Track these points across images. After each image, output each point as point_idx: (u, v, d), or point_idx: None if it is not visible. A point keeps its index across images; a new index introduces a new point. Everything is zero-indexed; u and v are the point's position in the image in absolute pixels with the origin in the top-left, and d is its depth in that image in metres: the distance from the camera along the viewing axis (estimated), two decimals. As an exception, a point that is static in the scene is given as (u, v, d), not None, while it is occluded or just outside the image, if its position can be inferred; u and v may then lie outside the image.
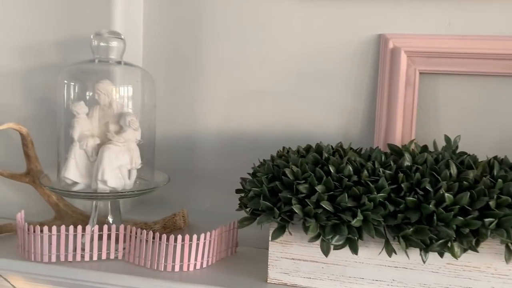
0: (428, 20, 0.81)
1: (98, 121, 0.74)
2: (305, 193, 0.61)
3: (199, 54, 0.90)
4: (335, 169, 0.63)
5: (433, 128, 0.82)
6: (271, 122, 0.88)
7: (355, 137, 0.85)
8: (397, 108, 0.80)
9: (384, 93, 0.82)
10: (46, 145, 0.83)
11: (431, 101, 0.81)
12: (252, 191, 0.64)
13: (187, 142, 0.92)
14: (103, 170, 0.70)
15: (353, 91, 0.85)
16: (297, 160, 0.65)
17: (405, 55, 0.80)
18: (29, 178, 0.80)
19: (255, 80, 0.88)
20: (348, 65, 0.84)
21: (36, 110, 0.89)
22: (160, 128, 0.86)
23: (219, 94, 0.90)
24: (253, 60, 0.88)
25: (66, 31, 0.86)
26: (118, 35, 0.74)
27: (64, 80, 0.73)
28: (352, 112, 0.85)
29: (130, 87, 0.74)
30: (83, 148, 0.72)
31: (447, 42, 0.80)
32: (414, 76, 0.81)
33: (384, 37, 0.82)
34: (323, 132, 0.86)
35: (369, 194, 0.59)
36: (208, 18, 0.89)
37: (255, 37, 0.87)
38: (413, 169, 0.62)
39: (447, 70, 0.80)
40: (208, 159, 0.91)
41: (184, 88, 0.91)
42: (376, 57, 0.83)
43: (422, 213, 0.58)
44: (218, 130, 0.91)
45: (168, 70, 0.91)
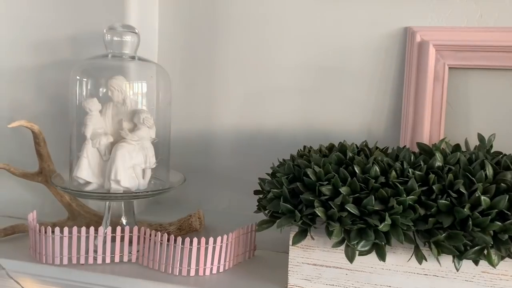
0: (457, 12, 0.76)
1: (111, 118, 0.71)
2: (328, 195, 0.57)
3: (215, 51, 0.86)
4: (361, 169, 0.59)
5: (462, 126, 0.77)
6: (290, 120, 0.85)
7: (379, 135, 0.81)
8: (425, 105, 0.76)
9: (411, 89, 0.77)
10: (58, 143, 0.81)
11: (460, 97, 0.77)
12: (272, 193, 0.60)
13: (203, 141, 0.89)
14: (116, 169, 0.67)
15: (377, 87, 0.81)
16: (319, 160, 0.62)
17: (434, 49, 0.76)
18: (42, 177, 0.78)
19: (273, 77, 0.85)
20: (372, 60, 0.80)
21: (49, 107, 0.87)
22: (175, 126, 0.83)
23: (236, 91, 0.86)
24: (270, 56, 0.84)
25: (79, 26, 0.83)
26: (132, 29, 0.71)
27: (76, 76, 0.71)
28: (376, 110, 0.81)
29: (144, 83, 0.71)
30: (95, 146, 0.69)
31: (479, 35, 0.75)
32: (443, 71, 0.76)
33: (411, 30, 0.77)
34: (344, 130, 0.82)
35: (397, 196, 0.55)
36: (225, 14, 0.85)
37: (272, 31, 0.84)
38: (445, 170, 0.58)
39: (478, 65, 0.75)
40: (224, 158, 0.88)
41: (200, 85, 0.88)
42: (402, 51, 0.79)
43: (455, 218, 0.54)
44: (235, 128, 0.87)
45: (184, 66, 0.88)
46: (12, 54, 0.86)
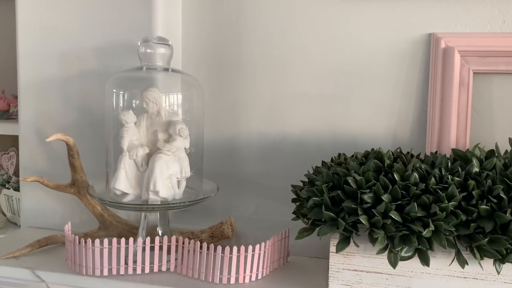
0: (481, 18, 0.78)
1: (146, 129, 0.72)
2: (370, 203, 0.59)
3: (240, 57, 0.87)
4: (400, 177, 0.60)
5: (488, 131, 0.79)
6: (315, 126, 0.86)
7: (404, 140, 0.83)
8: (451, 111, 0.78)
9: (437, 95, 0.79)
10: (86, 153, 0.82)
11: (485, 102, 0.79)
12: (312, 201, 0.62)
13: (230, 147, 0.90)
14: (155, 180, 0.68)
15: (402, 93, 0.82)
16: (358, 167, 0.63)
17: (459, 54, 0.77)
18: (74, 188, 0.78)
19: (299, 83, 0.86)
20: (397, 66, 0.82)
21: (76, 118, 0.87)
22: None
23: (261, 98, 0.87)
24: (296, 62, 0.85)
25: (106, 37, 0.84)
26: (166, 41, 0.72)
27: (112, 89, 0.72)
28: (401, 115, 0.83)
29: (178, 94, 0.72)
30: (132, 158, 0.70)
31: (502, 41, 0.77)
32: (468, 77, 0.78)
33: (435, 36, 0.79)
34: (370, 135, 0.84)
35: (439, 203, 0.57)
36: (249, 20, 0.86)
37: (297, 38, 0.85)
38: (482, 175, 0.59)
39: (502, 70, 0.77)
40: (250, 164, 0.89)
41: (225, 92, 0.89)
42: (426, 57, 0.80)
43: (496, 222, 0.56)
44: (261, 134, 0.88)
45: (208, 74, 0.89)
46: (39, 66, 0.87)
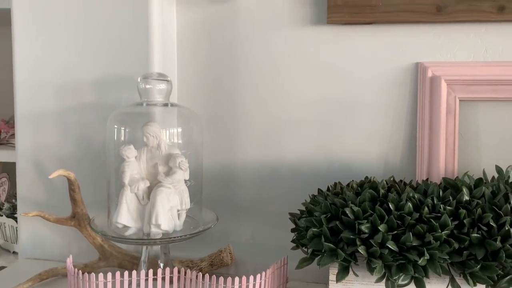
0: (465, 48, 0.82)
1: (147, 162, 0.74)
2: (367, 233, 0.61)
3: (235, 87, 0.90)
4: (395, 206, 0.63)
5: (474, 155, 0.82)
6: (310, 152, 0.89)
7: (396, 165, 0.86)
8: (439, 137, 0.81)
9: (425, 122, 0.82)
10: (85, 184, 0.83)
11: (472, 129, 0.82)
12: (312, 231, 0.64)
13: (227, 174, 0.92)
14: (157, 214, 0.70)
15: (392, 120, 0.85)
16: (354, 198, 0.66)
17: (445, 83, 0.81)
18: (75, 221, 0.79)
19: (293, 111, 0.89)
20: (387, 93, 0.85)
21: (73, 150, 0.88)
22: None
23: (257, 126, 0.90)
24: (290, 91, 0.88)
25: (104, 70, 0.86)
26: (165, 77, 0.74)
27: (114, 124, 0.73)
28: (392, 141, 0.86)
29: (178, 128, 0.74)
30: (134, 192, 0.72)
31: (485, 69, 0.81)
32: (454, 104, 0.81)
33: (422, 66, 0.82)
34: (363, 161, 0.87)
35: (433, 232, 0.59)
36: (243, 51, 0.89)
37: (291, 68, 0.88)
38: (473, 204, 0.62)
39: (487, 97, 0.81)
40: (247, 191, 0.91)
41: (222, 121, 0.91)
42: (414, 85, 0.84)
43: (487, 250, 0.58)
44: (257, 161, 0.91)
45: (204, 103, 0.91)
46: (36, 97, 0.88)
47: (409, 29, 0.82)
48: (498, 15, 0.78)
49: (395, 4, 0.80)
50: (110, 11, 0.85)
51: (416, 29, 0.82)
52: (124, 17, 0.85)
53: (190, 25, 0.90)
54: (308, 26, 0.86)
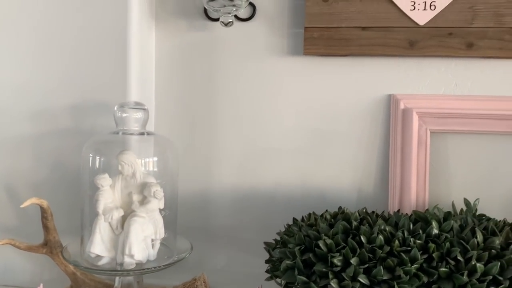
0: (436, 81, 0.84)
1: (121, 191, 0.73)
2: (340, 266, 0.62)
3: (213, 114, 0.91)
4: (367, 239, 0.64)
5: (445, 185, 0.85)
6: (286, 179, 0.90)
7: (369, 194, 0.87)
8: (411, 167, 0.83)
9: (397, 152, 0.84)
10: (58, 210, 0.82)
11: (442, 160, 0.85)
12: (285, 264, 0.65)
13: (203, 200, 0.92)
14: (130, 244, 0.69)
15: (365, 149, 0.87)
16: (328, 230, 0.67)
17: (417, 116, 0.83)
18: (47, 249, 0.78)
19: (269, 139, 0.90)
20: (360, 123, 0.87)
21: (48, 175, 0.87)
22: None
23: (234, 152, 0.90)
24: (266, 120, 0.89)
25: (80, 96, 0.85)
26: (142, 106, 0.75)
27: (89, 153, 0.73)
28: (365, 169, 0.87)
29: (154, 157, 0.74)
30: (108, 221, 0.71)
31: (455, 103, 0.83)
32: (426, 136, 0.84)
33: (394, 98, 0.85)
34: (338, 189, 0.88)
35: (403, 266, 0.61)
36: (220, 78, 0.90)
37: (267, 98, 0.89)
38: (441, 237, 0.64)
39: (457, 130, 0.83)
40: (222, 217, 0.91)
41: (198, 147, 0.91)
42: (387, 116, 0.86)
43: (455, 284, 0.60)
44: (233, 187, 0.91)
45: (181, 130, 0.91)
46: (11, 123, 0.87)
47: (383, 62, 0.85)
48: (467, 52, 0.81)
49: (369, 38, 0.83)
50: (88, 36, 0.85)
51: (389, 62, 0.85)
52: (102, 43, 0.85)
53: (169, 52, 0.91)
54: (286, 56, 0.88)
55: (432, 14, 0.81)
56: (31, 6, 0.86)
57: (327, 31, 0.84)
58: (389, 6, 0.81)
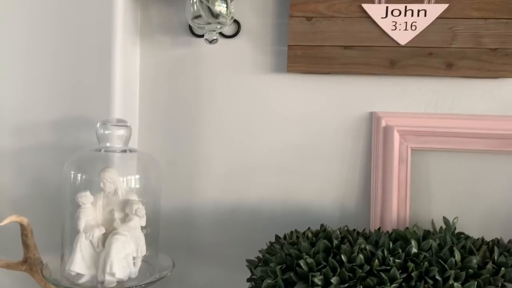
0: (417, 100, 0.86)
1: (103, 208, 0.73)
2: (320, 285, 0.62)
3: (196, 129, 0.91)
4: (347, 258, 0.65)
5: (426, 201, 0.86)
6: (270, 196, 0.90)
7: (351, 210, 0.88)
8: (392, 184, 0.84)
9: (379, 169, 0.85)
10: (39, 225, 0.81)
11: (423, 177, 0.86)
12: (266, 283, 0.65)
13: (186, 216, 0.92)
14: (111, 262, 0.69)
15: (348, 165, 0.88)
16: (309, 248, 0.67)
17: (398, 133, 0.84)
18: (26, 266, 0.77)
19: (253, 154, 0.90)
20: (343, 140, 0.88)
21: (29, 190, 0.86)
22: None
23: (217, 168, 0.91)
24: (250, 136, 0.90)
25: (63, 110, 0.85)
26: (124, 123, 0.74)
27: (70, 170, 0.73)
28: (348, 186, 0.88)
29: (136, 174, 0.74)
30: (89, 239, 0.71)
31: (436, 121, 0.85)
32: (406, 153, 0.85)
33: (376, 115, 0.86)
34: (321, 205, 0.89)
35: (383, 285, 0.61)
36: (205, 94, 0.90)
37: (252, 114, 0.89)
38: (420, 256, 0.65)
39: (437, 148, 0.85)
40: (206, 233, 0.91)
41: (182, 163, 0.91)
42: (369, 133, 0.87)
43: (433, 303, 0.61)
44: (217, 203, 0.91)
45: (165, 145, 0.91)
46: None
47: (365, 80, 0.86)
48: (447, 71, 0.82)
49: (352, 57, 0.84)
50: (72, 51, 0.85)
51: (371, 81, 0.86)
52: (86, 58, 0.84)
53: (153, 68, 0.91)
54: (270, 73, 0.89)
55: (413, 34, 0.82)
56: (14, 20, 0.85)
57: (310, 49, 0.85)
58: (371, 26, 0.83)
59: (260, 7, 0.88)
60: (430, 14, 0.82)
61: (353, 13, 0.83)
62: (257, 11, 0.88)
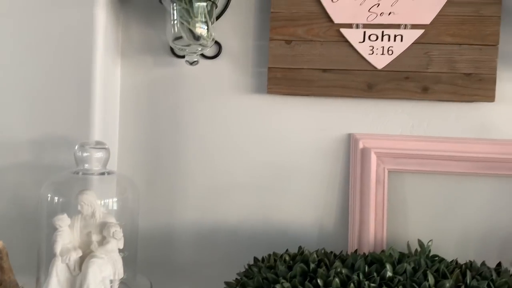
0: (393, 122, 0.87)
1: (80, 231, 0.73)
2: (296, 310, 0.63)
3: (176, 149, 0.91)
4: (323, 282, 0.66)
5: (402, 222, 0.87)
6: (249, 215, 0.90)
7: (330, 230, 0.89)
8: (369, 204, 0.85)
9: (357, 190, 0.87)
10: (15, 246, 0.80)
11: (399, 198, 0.87)
12: (243, 307, 0.65)
13: (165, 236, 0.92)
14: (88, 286, 0.68)
15: (327, 186, 0.89)
16: (286, 272, 0.68)
17: (375, 155, 0.86)
18: (1, 289, 0.76)
19: (233, 174, 0.91)
20: (321, 161, 0.89)
21: (7, 209, 0.86)
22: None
23: (197, 188, 0.91)
24: (230, 156, 0.90)
25: (41, 130, 0.85)
26: (103, 145, 0.75)
27: (47, 193, 0.72)
28: (327, 206, 0.89)
29: (114, 197, 0.74)
30: (65, 262, 0.70)
31: (412, 144, 0.86)
32: (384, 175, 0.86)
33: (354, 137, 0.87)
34: (300, 225, 0.89)
35: (357, 309, 0.62)
36: (185, 114, 0.91)
37: (232, 134, 0.90)
38: (395, 280, 0.66)
39: (413, 169, 0.86)
40: (185, 253, 0.91)
41: (161, 182, 0.91)
42: (347, 154, 0.88)
43: (407, 327, 0.62)
44: (196, 223, 0.91)
45: (145, 163, 0.91)
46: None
47: (343, 103, 0.88)
48: (423, 95, 0.84)
49: (330, 80, 0.85)
50: (51, 70, 0.85)
51: (349, 103, 0.88)
52: (66, 77, 0.84)
53: (134, 88, 0.91)
54: (250, 94, 0.90)
55: (389, 59, 0.84)
56: (-6, 39, 0.85)
57: (289, 72, 0.86)
58: (349, 50, 0.85)
59: (241, 29, 0.89)
60: (407, 39, 0.84)
61: (332, 37, 0.85)
62: (238, 33, 0.89)
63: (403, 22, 0.83)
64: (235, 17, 0.89)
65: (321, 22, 0.85)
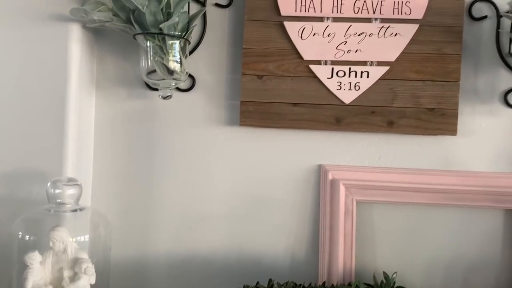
0: (361, 154, 0.90)
1: (52, 267, 0.73)
2: None
3: (150, 180, 0.92)
4: (290, 317, 0.68)
5: (370, 252, 0.90)
6: (222, 245, 0.92)
7: (301, 260, 0.91)
8: (338, 235, 0.88)
9: (326, 220, 0.89)
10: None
11: (368, 228, 0.90)
12: None
13: (138, 267, 0.92)
14: (58, 324, 0.69)
15: (298, 216, 0.91)
16: (255, 308, 0.69)
17: (343, 186, 0.89)
18: (-29, 325, 0.76)
19: (206, 205, 0.92)
20: (293, 191, 0.91)
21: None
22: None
23: (170, 219, 0.92)
24: (203, 186, 0.92)
25: (14, 163, 0.85)
26: (75, 181, 0.76)
27: (18, 231, 0.73)
28: (297, 235, 0.91)
29: (85, 234, 0.75)
30: (36, 299, 0.71)
31: (379, 175, 0.89)
32: (352, 205, 0.89)
33: (324, 168, 0.90)
34: (272, 253, 0.91)
35: None
36: (159, 145, 0.92)
37: (206, 162, 0.92)
38: (360, 314, 0.68)
39: (381, 200, 0.89)
40: (159, 285, 0.92)
41: (135, 212, 0.92)
42: (317, 185, 0.91)
43: None
44: (169, 254, 0.92)
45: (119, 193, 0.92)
46: None
47: (313, 135, 0.90)
48: (388, 128, 0.88)
49: (300, 113, 0.88)
50: (25, 100, 0.85)
51: (319, 135, 0.90)
52: (39, 109, 0.85)
53: (108, 120, 0.93)
54: (223, 126, 0.92)
55: (356, 94, 0.87)
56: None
57: (261, 105, 0.89)
58: (318, 86, 0.88)
59: (214, 64, 0.92)
60: (373, 75, 0.87)
61: (301, 73, 0.88)
62: (211, 67, 0.92)
63: (369, 59, 0.87)
64: (208, 51, 0.91)
65: (291, 59, 0.88)
